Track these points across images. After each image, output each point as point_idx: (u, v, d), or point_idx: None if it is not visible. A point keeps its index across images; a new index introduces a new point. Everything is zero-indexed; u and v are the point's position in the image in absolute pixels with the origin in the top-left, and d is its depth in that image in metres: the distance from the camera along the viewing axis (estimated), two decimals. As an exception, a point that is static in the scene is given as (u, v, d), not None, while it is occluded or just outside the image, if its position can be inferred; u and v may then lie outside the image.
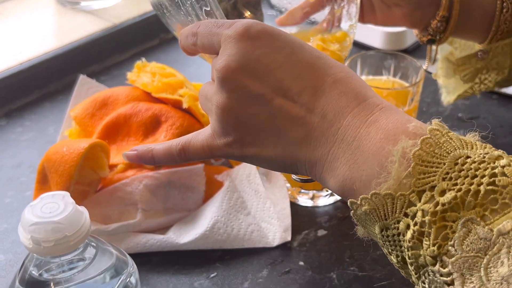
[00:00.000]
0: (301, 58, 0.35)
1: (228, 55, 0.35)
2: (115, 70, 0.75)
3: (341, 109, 0.33)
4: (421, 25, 0.56)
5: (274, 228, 0.51)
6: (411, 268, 0.32)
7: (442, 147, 0.31)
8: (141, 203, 0.49)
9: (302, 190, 0.55)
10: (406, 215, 0.31)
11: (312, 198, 0.55)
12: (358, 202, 0.32)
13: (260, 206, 0.51)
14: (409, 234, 0.31)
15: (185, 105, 0.50)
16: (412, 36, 0.79)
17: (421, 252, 0.30)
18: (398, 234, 0.31)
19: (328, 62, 0.35)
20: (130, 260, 0.34)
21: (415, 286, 0.32)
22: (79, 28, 0.77)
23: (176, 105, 0.51)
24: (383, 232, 0.32)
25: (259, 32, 0.35)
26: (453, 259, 0.29)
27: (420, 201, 0.30)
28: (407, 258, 0.32)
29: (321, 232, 0.52)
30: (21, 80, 0.69)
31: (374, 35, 0.77)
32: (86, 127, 0.54)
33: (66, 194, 0.31)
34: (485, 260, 0.29)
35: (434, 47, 0.58)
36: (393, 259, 0.33)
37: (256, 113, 0.35)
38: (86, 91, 0.61)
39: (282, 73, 0.34)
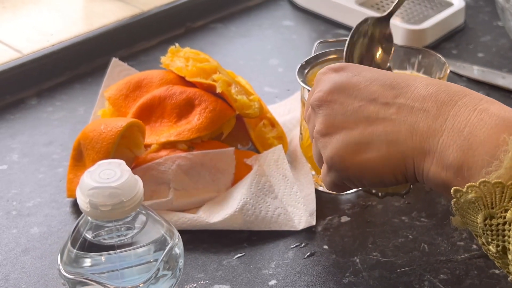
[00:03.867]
0: (387, 74, 0.37)
1: (318, 89, 0.38)
2: (143, 56, 0.76)
3: (444, 103, 0.34)
4: None
5: (300, 212, 0.52)
6: None
7: None
8: (174, 183, 0.50)
9: (326, 178, 0.56)
10: None
11: (336, 186, 0.56)
12: (464, 190, 0.32)
13: (287, 190, 0.52)
14: None
15: (218, 90, 0.52)
16: (432, 33, 0.80)
17: None
18: (504, 223, 0.32)
19: (413, 76, 0.37)
20: (176, 231, 0.35)
21: (510, 276, 0.33)
22: (108, 14, 0.78)
23: (210, 89, 0.53)
24: (486, 221, 0.33)
25: (341, 65, 0.39)
26: None
27: None
28: (511, 247, 0.32)
29: (344, 219, 0.54)
30: (52, 61, 0.70)
31: (396, 32, 0.78)
32: (119, 108, 0.55)
33: (122, 162, 0.32)
34: None
35: None
36: (491, 248, 0.33)
37: (353, 125, 0.36)
38: (118, 74, 0.62)
39: (374, 87, 0.36)
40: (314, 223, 0.52)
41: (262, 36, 0.82)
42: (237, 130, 0.55)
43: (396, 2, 0.52)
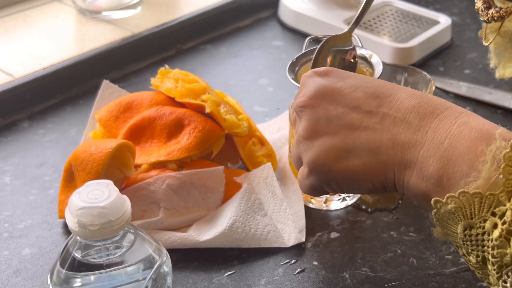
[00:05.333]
0: (372, 81, 0.38)
1: (302, 93, 0.39)
2: (134, 78, 0.77)
3: (426, 115, 0.35)
4: None
5: (289, 229, 0.53)
6: (492, 267, 0.33)
7: None
8: (164, 202, 0.51)
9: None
10: (494, 214, 0.32)
11: (325, 202, 0.57)
12: (444, 200, 0.33)
13: (277, 207, 0.53)
14: (496, 233, 0.32)
15: (207, 110, 0.53)
16: (420, 51, 0.81)
17: (508, 251, 0.31)
18: (483, 234, 0.33)
19: (396, 85, 0.38)
20: (164, 249, 0.36)
21: (491, 287, 0.34)
22: (99, 37, 0.80)
23: (199, 109, 0.54)
24: (466, 232, 0.33)
25: (326, 69, 0.39)
26: None
27: (509, 201, 0.32)
28: (490, 257, 0.32)
29: (333, 235, 0.55)
30: (44, 84, 0.71)
31: (384, 50, 0.80)
32: (110, 129, 0.56)
33: (110, 182, 0.33)
34: None
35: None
36: (471, 259, 0.34)
37: (336, 130, 0.37)
38: (109, 95, 0.63)
39: (357, 94, 0.37)
40: (303, 239, 0.53)
41: (252, 56, 0.84)
42: (227, 149, 0.57)
43: (358, 13, 0.54)
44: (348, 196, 0.57)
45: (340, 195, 0.57)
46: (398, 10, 0.90)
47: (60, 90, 0.72)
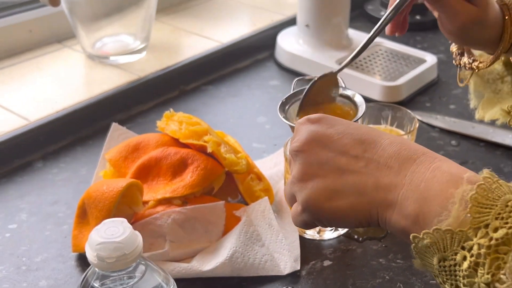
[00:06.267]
0: (357, 128, 0.43)
1: (297, 138, 0.43)
2: (140, 118, 0.83)
3: (405, 160, 0.40)
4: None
5: (285, 258, 0.57)
6: None
7: (494, 191, 0.36)
8: (169, 235, 0.56)
9: (310, 226, 0.62)
10: (463, 248, 0.36)
11: (319, 232, 0.61)
12: (421, 236, 0.37)
13: (273, 238, 0.58)
14: (465, 264, 0.36)
15: (209, 150, 0.58)
16: (407, 88, 0.87)
17: (476, 280, 0.35)
18: (455, 265, 0.36)
19: (379, 132, 0.43)
20: (171, 279, 0.41)
21: None
22: (107, 80, 0.86)
23: (201, 149, 0.59)
24: (440, 263, 0.37)
25: (318, 117, 0.44)
26: (504, 285, 0.34)
27: (476, 236, 0.35)
28: (461, 285, 0.36)
29: (326, 263, 0.59)
30: (57, 126, 0.77)
31: (373, 88, 0.86)
32: (120, 169, 0.61)
33: (124, 220, 0.38)
34: None
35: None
36: (447, 287, 0.38)
37: (327, 172, 0.41)
38: (118, 137, 0.69)
39: (345, 140, 0.42)
40: (298, 267, 0.57)
41: (251, 95, 0.90)
42: (227, 185, 0.62)
43: (350, 57, 0.59)
44: (340, 228, 0.62)
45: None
46: (388, 50, 0.96)
47: (72, 132, 0.78)
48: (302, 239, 0.61)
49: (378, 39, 0.97)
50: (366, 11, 1.14)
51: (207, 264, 0.55)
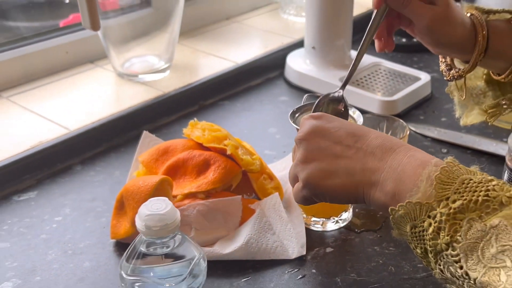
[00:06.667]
0: (350, 125, 0.53)
1: (301, 130, 0.54)
2: (165, 129, 0.93)
3: (387, 150, 0.50)
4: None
5: (293, 245, 0.67)
6: (430, 255, 0.46)
7: (454, 173, 0.46)
8: (195, 224, 0.66)
9: (314, 218, 0.71)
10: (429, 216, 0.45)
11: (322, 224, 0.71)
12: (396, 208, 0.47)
13: (283, 228, 0.68)
14: (430, 229, 0.45)
15: (228, 152, 0.68)
16: (403, 103, 0.97)
17: (439, 241, 0.44)
18: (423, 231, 0.46)
19: (368, 128, 0.53)
20: (201, 249, 0.50)
21: (433, 271, 0.46)
22: (135, 96, 0.97)
23: (222, 152, 0.69)
24: (412, 230, 0.47)
25: (319, 114, 0.55)
26: (460, 244, 0.43)
27: (439, 207, 0.45)
28: (428, 247, 0.45)
29: (328, 249, 0.69)
30: (93, 135, 0.88)
31: (373, 103, 0.96)
32: (151, 169, 0.72)
33: (166, 198, 0.48)
34: (481, 244, 0.42)
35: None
36: (418, 251, 0.47)
37: (325, 157, 0.51)
38: (148, 143, 0.79)
39: (340, 133, 0.52)
40: (304, 253, 0.67)
41: (263, 110, 1.00)
42: (243, 183, 0.72)
43: (346, 77, 0.69)
44: (341, 220, 0.72)
45: (334, 219, 0.71)
46: (386, 69, 1.06)
47: (106, 140, 0.89)
48: (307, 230, 0.71)
49: (377, 59, 1.08)
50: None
51: (226, 248, 0.65)
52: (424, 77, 1.03)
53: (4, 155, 0.80)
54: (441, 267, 0.46)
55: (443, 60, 0.74)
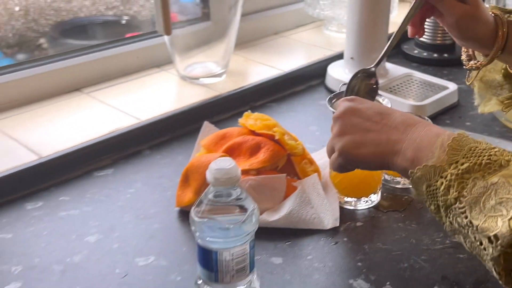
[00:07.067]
0: (378, 105, 0.64)
1: (338, 110, 0.65)
2: (219, 125, 1.05)
3: (408, 125, 0.60)
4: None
5: (328, 217, 0.77)
6: (442, 210, 0.54)
7: (463, 141, 0.54)
8: (246, 195, 0.77)
9: (347, 199, 0.82)
10: (441, 177, 0.54)
11: (354, 204, 0.81)
12: (415, 171, 0.56)
13: (320, 203, 0.78)
14: (442, 187, 0.54)
15: (276, 137, 0.79)
16: (432, 108, 1.06)
17: (448, 197, 0.53)
18: (436, 189, 0.54)
19: (393, 109, 0.63)
20: (255, 203, 0.61)
21: (444, 225, 0.55)
22: (195, 96, 1.09)
23: (271, 137, 0.80)
24: (427, 189, 0.55)
25: (353, 97, 0.66)
26: (466, 198, 0.51)
27: (450, 169, 0.54)
28: (440, 203, 0.54)
29: (358, 224, 0.79)
30: (160, 126, 1.00)
31: (404, 107, 1.06)
32: (211, 151, 0.83)
33: (230, 158, 0.59)
34: (483, 198, 0.51)
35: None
36: (432, 207, 0.56)
37: (357, 131, 0.62)
38: (208, 131, 0.91)
39: (370, 112, 0.63)
40: (338, 225, 0.77)
41: (305, 111, 1.11)
42: (288, 166, 0.82)
43: (380, 57, 0.78)
44: (370, 200, 0.82)
45: (365, 199, 0.81)
46: (418, 79, 1.16)
47: (170, 131, 1.01)
48: (341, 208, 0.81)
49: (410, 71, 1.17)
50: (402, 50, 1.35)
51: (272, 217, 0.76)
52: (452, 86, 1.12)
53: (86, 139, 0.94)
54: (450, 219, 0.55)
55: (465, 50, 0.83)
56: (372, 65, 0.78)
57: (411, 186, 0.82)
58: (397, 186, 0.87)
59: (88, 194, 0.85)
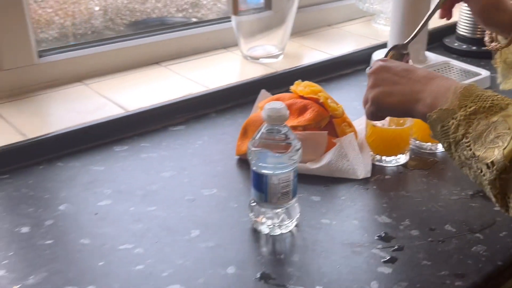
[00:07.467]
0: (406, 64, 0.76)
1: (372, 67, 0.77)
2: (275, 96, 1.20)
3: (429, 79, 0.71)
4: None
5: (361, 169, 0.90)
6: (452, 146, 0.64)
7: (472, 90, 0.64)
8: (293, 147, 0.91)
9: (378, 157, 0.94)
10: (452, 118, 0.65)
11: (384, 161, 0.94)
12: (432, 114, 0.67)
13: (355, 157, 0.91)
14: (453, 126, 0.64)
15: (321, 100, 0.93)
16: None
17: (457, 134, 0.64)
18: (448, 128, 0.64)
19: (418, 67, 0.75)
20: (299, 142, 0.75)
21: (454, 160, 0.65)
22: (255, 72, 1.24)
23: (316, 100, 0.94)
24: (441, 128, 0.65)
25: (385, 58, 0.79)
26: (471, 134, 0.61)
27: (459, 111, 0.63)
28: (450, 140, 0.64)
29: (387, 177, 0.91)
30: (224, 95, 1.15)
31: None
32: (266, 112, 0.98)
33: (281, 102, 0.73)
34: (485, 133, 0.60)
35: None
36: (445, 145, 0.66)
37: (387, 84, 0.74)
38: (264, 97, 1.06)
39: (398, 69, 0.74)
40: (369, 176, 0.90)
41: (350, 90, 1.24)
42: (329, 127, 0.96)
43: (413, 34, 0.90)
44: (399, 159, 0.94)
45: (394, 158, 0.93)
46: (454, 66, 1.26)
47: (233, 99, 1.16)
48: (373, 164, 0.93)
49: (447, 59, 1.28)
50: (444, 43, 1.45)
51: (313, 166, 0.90)
52: (485, 73, 1.22)
53: (163, 100, 1.10)
54: (458, 153, 0.65)
55: (489, 33, 0.94)
56: (405, 41, 0.90)
57: (437, 150, 0.95)
58: (425, 150, 0.98)
59: (164, 143, 1.01)
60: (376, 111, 0.77)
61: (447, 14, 0.92)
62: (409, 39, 0.90)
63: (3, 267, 0.70)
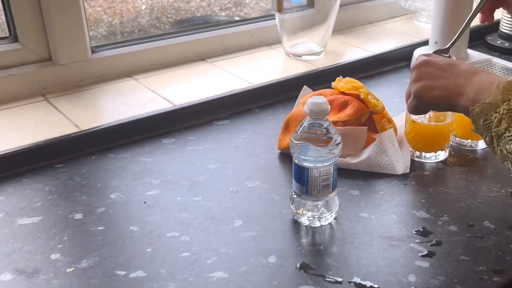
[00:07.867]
0: (448, 59, 0.74)
1: (416, 62, 0.77)
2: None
3: (472, 73, 0.70)
4: None
5: (400, 165, 0.89)
6: (494, 140, 0.63)
7: None
8: (334, 142, 0.91)
9: (417, 153, 0.93)
10: (495, 112, 0.63)
11: (424, 158, 0.93)
12: (475, 108, 0.66)
13: (394, 153, 0.90)
14: (495, 120, 0.63)
15: (361, 96, 0.92)
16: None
17: (500, 128, 0.63)
18: (490, 122, 0.63)
19: (461, 61, 0.74)
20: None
21: (495, 155, 0.64)
22: (297, 69, 1.24)
23: (357, 97, 0.94)
24: (484, 122, 0.64)
25: (429, 54, 0.77)
26: None
27: (502, 105, 0.62)
28: (493, 134, 0.63)
29: (426, 173, 0.90)
30: (266, 90, 1.16)
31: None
32: (307, 107, 0.98)
33: (323, 97, 0.73)
34: None
35: None
36: (487, 139, 0.66)
37: (430, 78, 0.73)
38: (306, 93, 1.06)
39: (441, 64, 0.73)
40: (408, 171, 0.89)
41: (390, 86, 1.23)
42: (369, 122, 0.95)
43: (454, 39, 0.89)
44: (438, 156, 0.93)
45: (433, 154, 0.92)
46: (496, 64, 1.23)
47: (275, 95, 1.17)
48: (412, 160, 0.92)
49: (489, 56, 1.25)
50: (486, 41, 1.42)
51: (353, 161, 0.90)
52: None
53: (209, 95, 1.12)
54: (501, 147, 0.64)
55: None
56: (447, 46, 0.89)
57: (477, 147, 0.93)
58: (465, 147, 0.97)
59: (209, 136, 1.03)
60: (418, 104, 0.76)
61: (487, 18, 0.90)
62: (450, 43, 0.89)
63: (58, 251, 0.73)
